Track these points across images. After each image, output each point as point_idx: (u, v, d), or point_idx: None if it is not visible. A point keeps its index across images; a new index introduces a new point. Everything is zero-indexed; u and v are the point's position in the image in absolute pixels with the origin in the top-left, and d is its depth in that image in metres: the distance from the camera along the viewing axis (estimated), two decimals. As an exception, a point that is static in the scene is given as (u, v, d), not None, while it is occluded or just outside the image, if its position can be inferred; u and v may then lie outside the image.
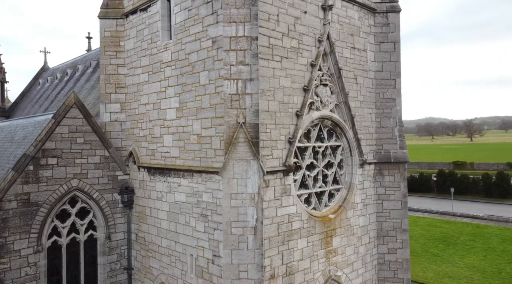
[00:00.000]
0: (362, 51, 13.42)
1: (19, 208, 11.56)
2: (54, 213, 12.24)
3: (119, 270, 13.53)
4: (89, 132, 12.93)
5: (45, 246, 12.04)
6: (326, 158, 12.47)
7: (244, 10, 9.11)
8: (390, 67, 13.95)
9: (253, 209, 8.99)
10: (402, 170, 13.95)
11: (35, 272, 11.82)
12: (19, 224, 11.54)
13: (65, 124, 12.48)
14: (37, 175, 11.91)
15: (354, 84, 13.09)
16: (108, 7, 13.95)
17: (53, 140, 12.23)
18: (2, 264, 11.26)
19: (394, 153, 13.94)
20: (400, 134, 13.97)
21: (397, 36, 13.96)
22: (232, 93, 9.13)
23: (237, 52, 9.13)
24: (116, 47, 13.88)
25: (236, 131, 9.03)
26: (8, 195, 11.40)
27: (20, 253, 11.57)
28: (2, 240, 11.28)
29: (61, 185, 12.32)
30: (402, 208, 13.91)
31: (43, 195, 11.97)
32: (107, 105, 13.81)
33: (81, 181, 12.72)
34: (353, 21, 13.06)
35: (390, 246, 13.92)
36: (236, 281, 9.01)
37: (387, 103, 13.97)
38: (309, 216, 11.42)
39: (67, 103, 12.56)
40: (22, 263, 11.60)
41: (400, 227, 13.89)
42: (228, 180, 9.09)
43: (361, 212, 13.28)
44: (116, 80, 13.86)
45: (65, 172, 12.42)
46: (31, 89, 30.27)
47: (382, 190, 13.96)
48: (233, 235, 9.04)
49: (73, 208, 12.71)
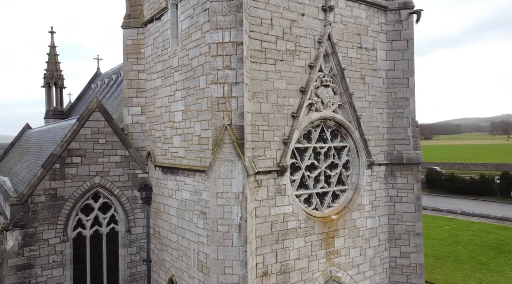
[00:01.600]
0: (370, 51, 13.21)
1: (47, 201, 12.95)
2: (78, 207, 13.53)
3: (138, 262, 14.57)
4: (110, 133, 14.08)
5: (70, 237, 13.36)
6: (329, 159, 12.49)
7: (230, 16, 9.52)
8: (403, 66, 13.57)
9: (238, 207, 9.38)
10: (416, 172, 13.52)
11: (62, 260, 13.17)
12: (47, 216, 12.93)
13: (88, 126, 13.72)
14: (63, 172, 13.25)
15: (361, 84, 12.94)
16: (130, 17, 15.05)
17: (77, 140, 13.51)
18: (32, 250, 12.71)
19: (407, 154, 13.53)
20: (414, 135, 13.53)
21: (410, 33, 13.54)
22: (219, 96, 9.59)
23: (223, 57, 9.57)
24: (137, 54, 14.94)
25: (222, 132, 9.47)
26: (38, 189, 12.83)
27: (48, 242, 12.96)
28: (32, 229, 12.72)
29: (84, 181, 13.58)
30: (416, 211, 13.47)
31: (69, 191, 13.29)
32: (129, 108, 14.91)
33: (103, 179, 13.91)
34: (360, 20, 12.91)
35: (402, 250, 13.55)
36: (221, 276, 9.47)
37: (399, 102, 13.61)
38: (307, 216, 11.55)
39: (90, 107, 13.81)
40: (50, 251, 12.98)
41: (414, 230, 13.47)
42: (214, 180, 9.57)
43: (369, 214, 13.09)
44: (137, 85, 14.92)
45: (88, 170, 13.67)
46: (85, 93, 33.04)
47: (394, 192, 13.63)
48: (219, 232, 9.50)
49: (96, 203, 13.94)
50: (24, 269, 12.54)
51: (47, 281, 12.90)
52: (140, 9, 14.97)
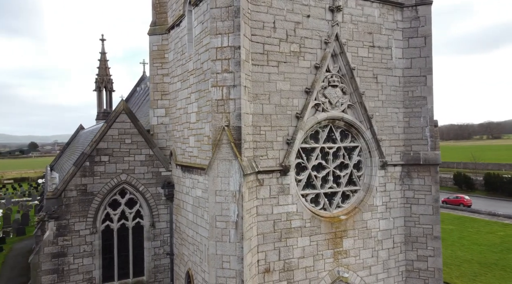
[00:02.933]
0: (384, 49, 12.97)
1: (78, 196, 14.21)
2: (106, 202, 14.68)
3: (162, 255, 15.47)
4: (135, 134, 15.10)
5: (99, 229, 14.54)
6: (338, 159, 12.48)
7: (228, 22, 9.94)
8: (420, 64, 13.17)
9: (235, 205, 9.77)
10: (434, 173, 13.06)
11: (91, 250, 14.37)
12: (78, 209, 14.19)
13: (115, 128, 14.82)
14: (93, 170, 14.45)
15: (373, 83, 12.77)
16: (156, 24, 15.99)
17: (105, 141, 14.66)
18: (65, 240, 14.02)
19: (425, 154, 13.12)
20: (432, 135, 13.08)
21: (428, 29, 13.10)
22: (218, 98, 10.04)
23: (222, 61, 10.01)
24: (161, 59, 15.84)
25: (220, 133, 9.92)
26: (70, 185, 14.12)
27: (79, 233, 14.22)
28: (65, 221, 14.04)
29: (112, 178, 14.69)
30: (434, 213, 13.02)
31: (97, 187, 14.47)
32: (155, 110, 15.86)
33: (129, 176, 14.96)
34: (372, 18, 12.74)
35: (419, 253, 13.16)
36: (220, 270, 9.92)
37: (416, 101, 13.22)
38: (312, 215, 11.66)
39: (117, 110, 14.90)
40: (81, 241, 14.23)
41: (431, 233, 13.03)
42: (213, 178, 10.04)
43: (382, 215, 12.88)
44: (162, 88, 15.82)
45: (115, 168, 14.77)
46: (132, 95, 35.12)
47: (410, 193, 13.27)
48: (217, 228, 9.96)
49: (123, 199, 15.01)
50: (58, 257, 13.87)
51: (78, 268, 14.15)
52: (165, 17, 15.85)
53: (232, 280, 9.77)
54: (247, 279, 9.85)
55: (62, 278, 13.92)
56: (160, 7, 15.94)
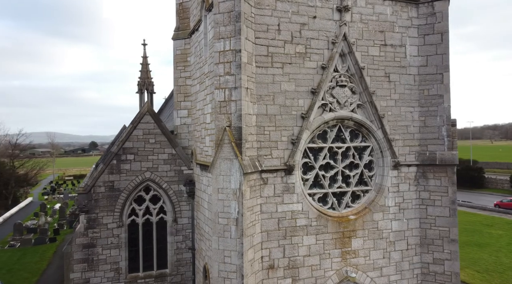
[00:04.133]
0: (397, 47, 12.75)
1: (106, 192, 15.30)
2: (132, 197, 15.66)
3: (184, 249, 16.22)
4: (159, 134, 15.96)
5: (125, 223, 15.55)
6: (348, 159, 12.46)
7: (230, 27, 10.35)
8: (436, 61, 12.78)
9: (236, 202, 10.16)
10: (451, 174, 12.63)
11: (118, 242, 15.42)
12: (106, 204, 15.28)
13: (140, 128, 15.77)
14: (119, 167, 15.48)
15: (385, 82, 12.60)
16: (179, 29, 16.76)
17: (131, 140, 15.64)
18: (95, 232, 15.17)
19: (441, 154, 12.72)
20: (449, 134, 12.66)
21: (445, 26, 12.69)
22: (221, 100, 10.48)
23: (224, 64, 10.43)
24: (184, 62, 16.59)
25: (222, 133, 10.36)
26: (99, 182, 15.24)
27: (107, 226, 15.31)
28: (94, 215, 15.18)
29: (137, 176, 15.65)
30: (451, 215, 12.61)
31: (123, 183, 15.48)
32: (178, 111, 16.65)
33: (152, 174, 15.85)
34: (384, 17, 12.57)
35: (436, 256, 12.80)
36: (221, 264, 10.37)
37: (432, 100, 12.85)
38: (319, 214, 11.77)
39: (142, 111, 15.84)
40: (109, 234, 15.31)
41: (448, 236, 12.62)
42: (216, 176, 10.51)
43: (394, 216, 12.68)
44: (184, 90, 16.57)
45: (140, 166, 15.71)
46: (171, 97, 36.59)
47: (426, 194, 12.93)
48: (220, 224, 10.41)
49: (147, 195, 15.93)
50: (88, 248, 15.05)
51: (106, 259, 15.25)
52: (187, 22, 16.58)
53: (233, 274, 10.18)
54: (247, 274, 10.21)
55: (92, 267, 15.08)
56: (183, 13, 16.70)
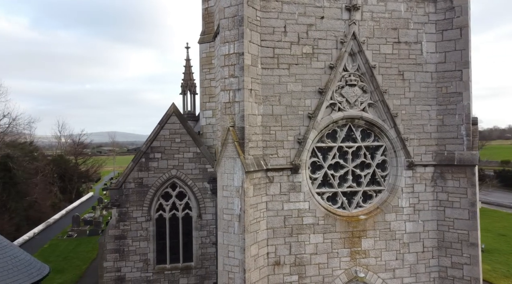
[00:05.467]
0: (412, 44, 12.43)
1: (136, 188, 16.40)
2: (159, 193, 16.63)
3: (208, 244, 16.91)
4: (184, 133, 16.78)
5: (153, 217, 16.56)
6: (359, 158, 12.38)
7: (234, 31, 10.77)
8: (455, 57, 12.28)
9: (238, 199, 10.59)
10: (470, 175, 12.09)
11: (147, 235, 16.47)
12: (136, 199, 16.38)
13: (166, 128, 16.69)
14: (148, 165, 16.52)
15: (398, 80, 12.34)
16: (205, 33, 17.47)
17: (158, 140, 16.61)
18: (125, 225, 16.33)
19: (460, 154, 12.22)
20: (468, 133, 12.12)
21: (464, 20, 12.15)
22: (226, 101, 10.96)
23: (229, 67, 10.89)
24: (209, 64, 17.26)
25: (226, 133, 10.83)
26: (129, 178, 16.38)
27: (136, 220, 16.41)
28: (125, 209, 16.34)
29: (163, 173, 16.60)
30: (470, 218, 12.08)
31: (151, 180, 16.49)
32: (204, 112, 17.37)
33: (178, 171, 16.71)
34: (397, 14, 12.32)
35: (454, 260, 12.32)
36: (226, 258, 10.85)
37: (451, 98, 12.37)
38: (326, 213, 11.85)
39: (168, 112, 16.76)
40: (138, 227, 16.40)
41: (467, 240, 12.11)
42: (221, 174, 11.00)
43: (408, 217, 12.39)
44: (209, 92, 17.25)
45: (167, 164, 16.63)
46: (213, 97, 37.72)
47: (444, 195, 12.48)
48: (224, 220, 10.89)
49: (174, 191, 16.83)
50: (119, 239, 16.24)
51: (136, 250, 16.36)
52: (212, 26, 17.23)
53: (236, 268, 10.63)
54: (250, 268, 10.60)
55: (123, 257, 16.26)
56: (208, 17, 17.38)
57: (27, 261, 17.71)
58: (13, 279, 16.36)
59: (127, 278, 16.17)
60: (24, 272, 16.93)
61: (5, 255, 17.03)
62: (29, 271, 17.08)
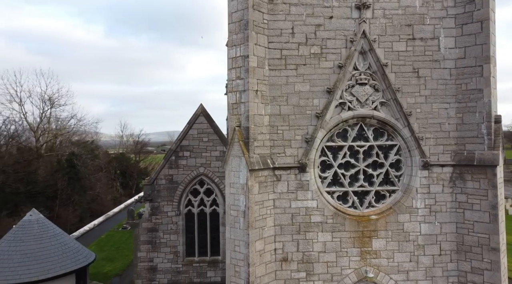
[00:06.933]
0: (428, 40, 12.02)
1: (166, 184, 17.47)
2: (188, 190, 17.57)
3: (234, 239, 17.53)
4: (211, 133, 17.55)
5: (182, 212, 17.54)
6: (371, 157, 12.25)
7: (240, 34, 11.21)
8: (476, 52, 11.69)
9: (244, 196, 11.04)
10: (491, 176, 11.46)
11: (176, 228, 17.49)
12: (166, 195, 17.45)
13: (195, 128, 17.57)
14: (177, 163, 17.52)
15: (412, 78, 12.02)
16: (232, 36, 18.09)
17: (187, 139, 17.55)
18: (157, 219, 17.47)
19: (480, 154, 11.62)
20: (489, 132, 11.49)
21: (485, 13, 11.52)
22: (233, 102, 11.44)
23: (236, 69, 11.35)
24: (236, 66, 17.85)
25: (232, 133, 11.32)
26: (160, 175, 17.49)
27: (167, 214, 17.49)
28: (157, 203, 17.48)
29: (192, 170, 17.51)
30: (491, 221, 11.46)
31: (181, 177, 17.47)
32: (231, 112, 18.01)
33: (206, 169, 17.53)
34: (412, 9, 11.98)
35: (474, 265, 11.76)
36: (233, 252, 11.35)
37: (471, 95, 11.80)
38: (335, 212, 11.89)
39: (196, 113, 17.62)
40: (168, 221, 17.47)
41: (488, 244, 11.50)
42: (228, 172, 11.50)
43: (424, 219, 12.03)
44: (236, 92, 17.84)
45: (195, 162, 17.52)
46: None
47: (463, 197, 11.94)
48: (231, 216, 11.38)
49: (202, 188, 17.68)
50: (152, 231, 17.43)
51: (166, 242, 17.46)
52: (238, 28, 17.81)
53: (241, 262, 11.10)
54: (254, 263, 11.01)
55: (155, 249, 17.43)
56: (235, 20, 17.96)
57: (75, 248, 19.54)
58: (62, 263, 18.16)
59: (158, 268, 17.32)
60: (72, 258, 18.69)
61: (56, 242, 18.94)
62: (76, 257, 18.84)
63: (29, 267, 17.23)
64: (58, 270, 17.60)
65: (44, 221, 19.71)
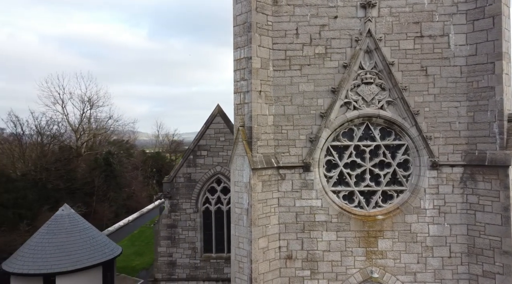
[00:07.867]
0: (437, 37, 11.74)
1: (185, 182, 18.06)
2: (205, 188, 18.07)
3: (251, 237, 17.84)
4: (228, 133, 17.93)
5: (200, 209, 18.07)
6: (377, 157, 12.14)
7: (244, 37, 11.48)
8: (487, 49, 11.30)
9: (247, 195, 11.31)
10: (503, 176, 11.04)
11: (194, 225, 18.04)
12: (185, 192, 18.05)
13: (212, 128, 18.04)
14: (195, 162, 18.06)
15: (420, 76, 11.79)
16: (249, 37, 18.40)
17: (204, 138, 18.05)
18: (176, 216, 18.11)
19: (492, 154, 11.23)
20: (501, 131, 11.08)
21: (497, 7, 11.11)
22: (238, 103, 11.73)
23: (240, 71, 11.64)
24: (252, 67, 18.14)
25: (236, 132, 11.61)
26: (179, 173, 18.11)
27: (186, 211, 18.09)
28: (176, 200, 18.12)
29: (209, 169, 17.98)
30: (503, 224, 11.05)
31: (198, 175, 18.00)
32: (248, 112, 18.32)
33: (222, 168, 17.94)
34: (420, 7, 11.75)
35: (486, 268, 11.39)
36: (237, 249, 11.65)
37: (482, 93, 11.42)
38: (340, 211, 11.91)
39: (213, 113, 18.07)
40: (187, 218, 18.07)
41: (500, 247, 11.10)
42: (233, 171, 11.81)
43: (432, 220, 11.78)
44: (253, 92, 18.14)
45: (212, 160, 17.99)
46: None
47: (474, 198, 11.58)
48: (235, 213, 11.69)
49: (219, 186, 18.13)
50: (171, 228, 18.09)
51: (185, 238, 18.05)
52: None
53: (244, 258, 11.40)
54: (257, 260, 11.27)
55: (174, 244, 18.08)
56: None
57: (103, 242, 20.61)
58: (89, 255, 19.26)
59: (177, 263, 17.96)
60: (100, 251, 19.75)
61: (85, 236, 20.08)
62: (103, 251, 19.89)
63: (60, 258, 18.45)
64: (85, 262, 18.70)
65: (75, 215, 20.95)
